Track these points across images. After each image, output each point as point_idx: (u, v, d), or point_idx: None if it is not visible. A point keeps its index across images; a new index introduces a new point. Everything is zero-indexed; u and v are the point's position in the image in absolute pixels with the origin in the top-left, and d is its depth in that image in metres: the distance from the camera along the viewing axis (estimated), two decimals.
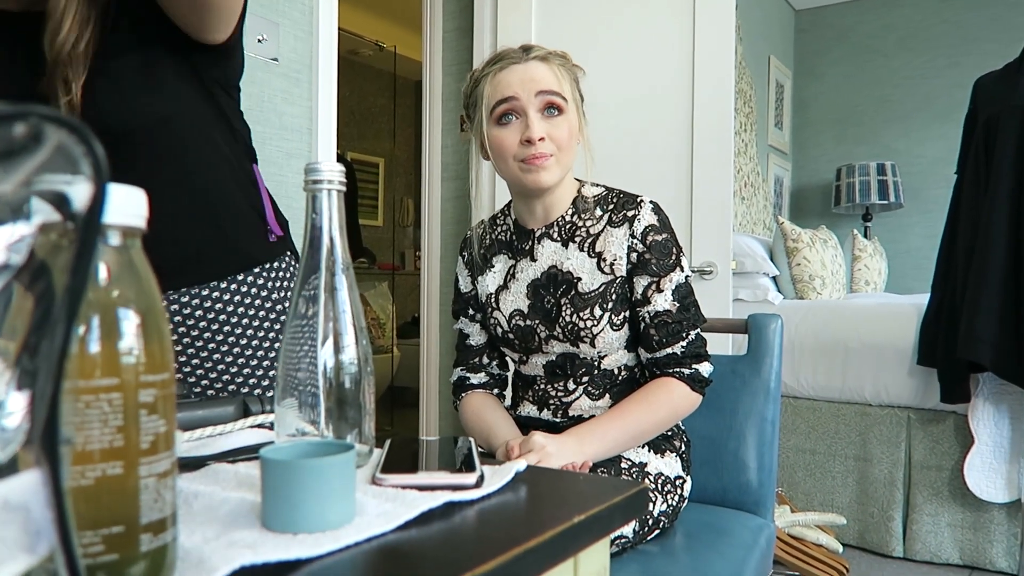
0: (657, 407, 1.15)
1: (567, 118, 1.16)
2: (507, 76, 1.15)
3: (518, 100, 1.14)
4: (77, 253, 0.26)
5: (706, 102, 2.18)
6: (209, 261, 1.17)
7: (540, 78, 1.15)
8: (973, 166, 2.26)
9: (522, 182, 1.17)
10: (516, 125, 1.16)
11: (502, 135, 1.16)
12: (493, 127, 1.17)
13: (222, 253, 1.18)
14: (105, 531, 0.35)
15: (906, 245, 4.61)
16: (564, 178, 1.20)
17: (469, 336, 1.33)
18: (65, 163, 0.28)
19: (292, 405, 0.62)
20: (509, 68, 1.16)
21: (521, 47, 1.19)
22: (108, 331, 0.36)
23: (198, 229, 1.15)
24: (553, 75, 1.16)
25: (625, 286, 1.18)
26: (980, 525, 2.38)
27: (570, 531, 0.50)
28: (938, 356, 2.34)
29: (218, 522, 0.49)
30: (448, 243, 2.89)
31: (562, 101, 1.16)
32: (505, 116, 1.16)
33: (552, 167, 1.16)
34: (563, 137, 1.16)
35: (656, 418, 1.15)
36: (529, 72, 1.15)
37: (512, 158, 1.16)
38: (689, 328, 1.17)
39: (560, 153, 1.16)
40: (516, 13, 2.52)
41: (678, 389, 1.17)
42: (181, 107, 1.10)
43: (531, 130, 1.13)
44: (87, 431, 0.35)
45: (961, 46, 4.45)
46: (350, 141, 5.56)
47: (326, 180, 0.61)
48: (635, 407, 1.15)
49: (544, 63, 1.16)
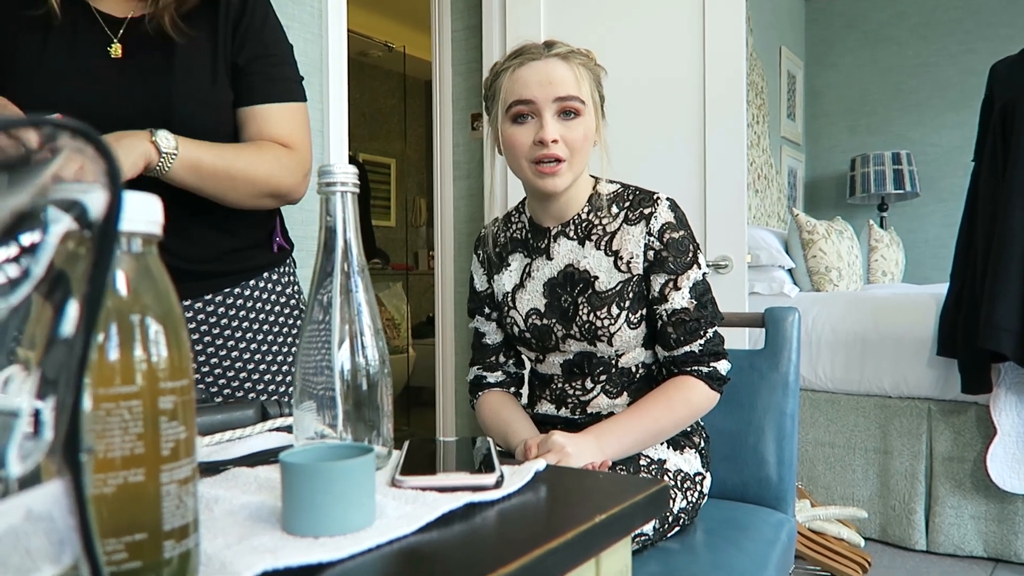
0: (676, 405, 1.15)
1: (583, 121, 1.15)
2: (526, 74, 1.14)
3: (534, 103, 1.13)
4: (94, 262, 0.26)
5: (718, 95, 2.17)
6: (228, 267, 1.19)
7: (559, 80, 1.13)
8: (990, 153, 2.23)
9: (534, 184, 1.17)
10: (531, 125, 1.15)
11: (516, 134, 1.16)
12: (508, 125, 1.16)
13: (240, 260, 1.20)
14: (128, 538, 0.35)
15: (923, 235, 4.56)
16: (578, 178, 1.19)
17: (485, 335, 1.33)
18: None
19: (310, 408, 0.62)
20: (529, 65, 1.14)
21: (544, 42, 1.17)
22: (127, 339, 0.36)
23: (220, 235, 1.17)
24: (573, 76, 1.14)
25: (642, 284, 1.18)
26: (1004, 517, 2.36)
27: (592, 531, 0.50)
28: (958, 346, 2.32)
29: (239, 527, 0.49)
30: (461, 242, 2.89)
31: (579, 104, 1.14)
32: (520, 116, 1.15)
33: (564, 173, 1.15)
34: (578, 140, 1.14)
35: (675, 416, 1.15)
36: (548, 72, 1.13)
37: (524, 158, 1.16)
38: (707, 326, 1.16)
39: (573, 157, 1.15)
40: (525, 10, 2.51)
41: (697, 387, 1.16)
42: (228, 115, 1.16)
43: (544, 131, 1.12)
44: (108, 439, 0.35)
45: (975, 31, 4.40)
46: (361, 142, 5.57)
47: (339, 182, 0.61)
48: (654, 406, 1.14)
49: (565, 62, 1.14)
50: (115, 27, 1.10)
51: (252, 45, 1.15)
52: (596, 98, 1.19)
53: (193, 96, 1.10)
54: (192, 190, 1.06)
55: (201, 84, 1.11)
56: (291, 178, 1.15)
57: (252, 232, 1.22)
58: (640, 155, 2.26)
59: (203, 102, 1.11)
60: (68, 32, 1.08)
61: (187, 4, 1.10)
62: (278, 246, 1.27)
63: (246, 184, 1.09)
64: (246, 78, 1.15)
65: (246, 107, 1.15)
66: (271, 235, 1.26)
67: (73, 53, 1.07)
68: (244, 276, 1.20)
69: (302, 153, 1.18)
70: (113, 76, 1.08)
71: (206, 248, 1.15)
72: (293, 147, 1.17)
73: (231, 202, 1.11)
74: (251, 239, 1.22)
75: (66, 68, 1.06)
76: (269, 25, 1.19)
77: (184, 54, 1.10)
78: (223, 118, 1.14)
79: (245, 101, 1.15)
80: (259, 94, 1.15)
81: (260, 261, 1.23)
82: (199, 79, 1.11)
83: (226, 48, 1.13)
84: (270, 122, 1.16)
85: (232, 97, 1.14)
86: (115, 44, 1.09)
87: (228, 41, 1.14)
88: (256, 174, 1.10)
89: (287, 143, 1.16)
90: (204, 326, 1.16)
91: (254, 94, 1.15)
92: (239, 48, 1.14)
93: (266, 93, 1.16)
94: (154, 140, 0.98)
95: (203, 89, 1.11)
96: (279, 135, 1.16)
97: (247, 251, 1.21)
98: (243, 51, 1.14)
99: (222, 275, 1.18)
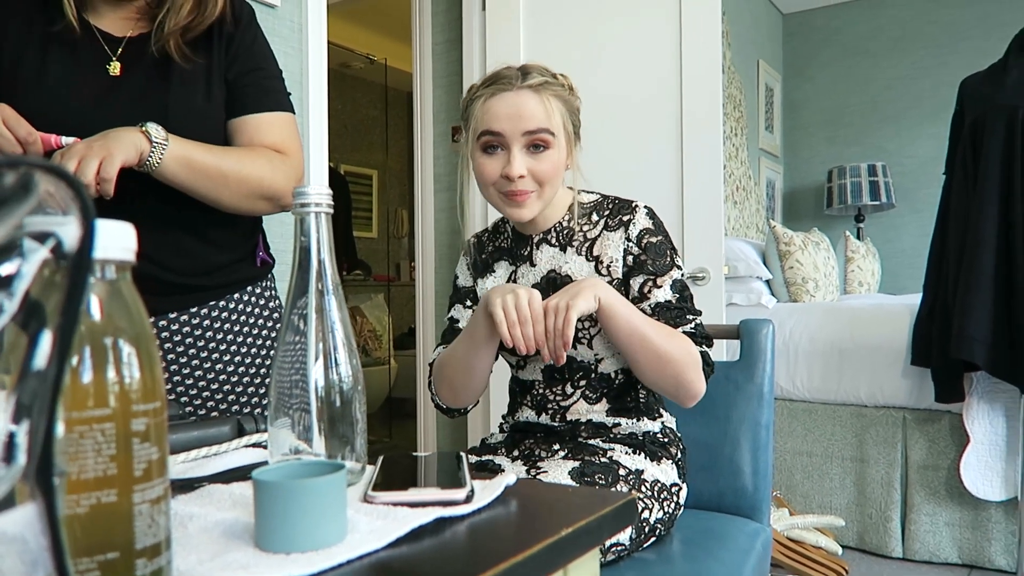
0: (676, 338, 1.12)
1: (552, 154, 1.16)
2: (496, 105, 1.14)
3: (503, 136, 1.14)
4: (68, 294, 0.27)
5: (694, 109, 2.20)
6: (213, 281, 1.20)
7: (529, 114, 1.13)
8: (961, 166, 2.28)
9: (502, 212, 1.19)
10: (500, 157, 1.16)
11: (485, 164, 1.17)
12: (478, 153, 1.18)
13: (225, 273, 1.21)
14: (101, 557, 0.36)
15: (899, 245, 4.63)
16: (550, 200, 1.21)
17: (459, 321, 1.32)
18: (55, 206, 0.29)
19: (285, 425, 0.63)
20: (500, 96, 1.14)
21: (520, 68, 1.17)
22: (100, 361, 0.37)
23: (207, 247, 1.18)
24: (543, 108, 1.14)
25: (622, 288, 1.20)
26: (978, 524, 2.39)
27: (558, 544, 0.51)
28: (932, 356, 2.36)
29: (213, 544, 0.50)
30: (442, 253, 2.90)
31: (549, 137, 1.14)
32: (490, 146, 1.16)
33: (532, 203, 1.16)
34: (546, 173, 1.15)
35: (671, 344, 1.11)
36: (518, 104, 1.13)
37: (492, 187, 1.18)
38: (690, 314, 1.18)
39: (542, 188, 1.16)
40: (505, 25, 2.54)
41: (694, 351, 1.14)
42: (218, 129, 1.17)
43: (511, 167, 1.13)
44: (81, 460, 0.36)
45: (949, 45, 4.49)
46: (343, 153, 5.57)
47: (314, 203, 0.62)
48: (657, 323, 1.13)
49: (536, 94, 1.14)
50: (114, 45, 1.11)
51: (243, 60, 1.17)
52: (569, 127, 1.20)
53: (188, 114, 1.11)
54: (184, 189, 1.06)
55: (196, 102, 1.12)
56: (284, 181, 1.15)
57: (237, 246, 1.23)
58: (617, 169, 2.29)
59: (198, 120, 1.12)
60: (68, 49, 1.09)
61: (192, 32, 1.12)
62: (261, 260, 1.28)
63: (239, 183, 1.10)
64: (238, 91, 1.16)
65: (238, 118, 1.17)
66: (255, 249, 1.27)
67: (73, 70, 1.09)
68: (228, 290, 1.21)
69: (295, 159, 1.19)
70: (111, 94, 1.09)
71: (193, 260, 1.16)
72: (285, 153, 1.18)
73: (224, 203, 1.11)
74: (236, 253, 1.23)
75: (66, 85, 1.08)
76: (259, 42, 1.21)
77: (181, 73, 1.12)
78: (217, 135, 1.15)
79: (237, 112, 1.17)
80: (251, 105, 1.17)
81: (244, 275, 1.24)
82: (195, 97, 1.12)
83: (220, 66, 1.15)
84: (261, 130, 1.17)
85: (225, 115, 1.16)
86: (114, 62, 1.10)
87: (222, 59, 1.15)
88: (249, 174, 1.11)
89: (279, 149, 1.17)
90: (189, 339, 1.17)
91: (246, 105, 1.17)
92: (231, 63, 1.16)
93: (258, 104, 1.17)
94: (145, 130, 0.99)
95: (198, 107, 1.13)
96: (271, 142, 1.17)
97: (232, 265, 1.22)
98: (234, 66, 1.16)
99: (207, 288, 1.19)
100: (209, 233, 1.17)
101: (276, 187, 1.15)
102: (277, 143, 1.17)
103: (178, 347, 1.16)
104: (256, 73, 1.18)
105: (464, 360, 1.19)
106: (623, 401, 1.24)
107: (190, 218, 1.13)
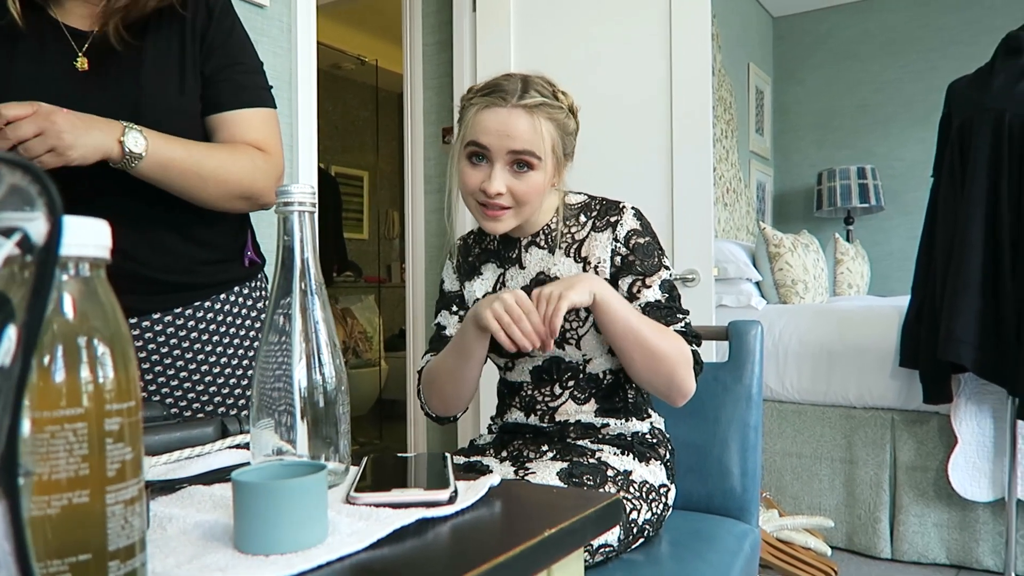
0: (668, 336, 1.13)
1: (535, 175, 1.15)
2: (487, 119, 1.14)
3: (489, 150, 1.14)
4: (34, 289, 0.27)
5: (685, 112, 2.20)
6: (199, 280, 1.19)
7: (517, 134, 1.12)
8: (949, 169, 2.29)
9: (478, 221, 1.20)
10: (483, 168, 1.16)
11: (468, 173, 1.17)
12: (464, 161, 1.18)
13: (211, 273, 1.20)
14: (72, 559, 0.36)
15: (888, 247, 4.65)
16: (531, 215, 1.21)
17: (446, 328, 1.31)
18: (22, 201, 0.28)
19: (268, 425, 0.62)
20: (493, 110, 1.13)
21: (523, 81, 1.16)
22: (72, 361, 0.36)
23: (189, 245, 1.17)
24: (533, 130, 1.13)
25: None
26: (966, 524, 2.40)
27: (542, 544, 0.51)
28: (920, 358, 2.37)
29: (192, 545, 0.49)
30: (433, 255, 2.90)
31: (534, 159, 1.14)
32: (475, 156, 1.16)
33: (507, 219, 1.17)
34: (526, 193, 1.15)
35: (664, 342, 1.11)
36: (509, 123, 1.13)
37: (471, 196, 1.18)
38: (680, 313, 1.18)
39: (519, 206, 1.16)
40: (495, 27, 2.53)
41: (686, 349, 1.15)
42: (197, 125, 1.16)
43: (490, 183, 1.13)
44: (53, 460, 0.35)
45: (939, 49, 4.51)
46: (334, 155, 5.56)
47: (296, 202, 0.62)
48: (651, 320, 1.13)
49: (529, 115, 1.13)
50: (81, 40, 1.10)
51: (220, 54, 1.16)
52: (559, 151, 1.19)
53: (160, 107, 1.10)
54: (162, 187, 1.05)
55: (169, 95, 1.11)
56: (264, 180, 1.15)
57: (222, 244, 1.22)
58: (608, 171, 2.28)
59: (172, 113, 1.11)
60: (35, 46, 1.08)
61: (133, 14, 1.09)
62: (249, 260, 1.27)
63: (217, 184, 1.09)
64: (215, 86, 1.15)
65: (216, 114, 1.16)
66: (243, 249, 1.26)
67: (40, 67, 1.08)
68: (215, 290, 1.20)
69: (275, 157, 1.18)
70: (79, 89, 1.08)
71: (175, 258, 1.15)
72: (266, 151, 1.17)
73: (202, 201, 1.11)
74: (222, 252, 1.22)
75: (34, 82, 1.07)
76: (236, 35, 1.19)
77: (151, 66, 1.10)
78: (193, 129, 1.14)
79: (215, 108, 1.16)
80: (229, 101, 1.16)
81: (231, 275, 1.23)
82: (167, 90, 1.11)
83: (195, 59, 1.14)
84: (241, 127, 1.16)
85: (201, 108, 1.15)
86: (81, 58, 1.09)
87: (196, 52, 1.14)
88: (228, 174, 1.10)
89: (260, 147, 1.16)
90: (173, 339, 1.16)
91: (224, 101, 1.16)
92: (206, 58, 1.15)
93: (237, 99, 1.16)
94: (122, 140, 0.98)
95: (172, 100, 1.11)
96: (252, 139, 1.16)
97: (218, 264, 1.21)
98: (210, 61, 1.15)
99: (192, 288, 1.18)
100: (192, 231, 1.16)
101: (256, 187, 1.14)
102: (259, 140, 1.16)
103: (162, 347, 1.15)
104: (233, 68, 1.17)
105: (454, 372, 1.19)
106: (612, 401, 1.24)
107: (172, 215, 1.12)
